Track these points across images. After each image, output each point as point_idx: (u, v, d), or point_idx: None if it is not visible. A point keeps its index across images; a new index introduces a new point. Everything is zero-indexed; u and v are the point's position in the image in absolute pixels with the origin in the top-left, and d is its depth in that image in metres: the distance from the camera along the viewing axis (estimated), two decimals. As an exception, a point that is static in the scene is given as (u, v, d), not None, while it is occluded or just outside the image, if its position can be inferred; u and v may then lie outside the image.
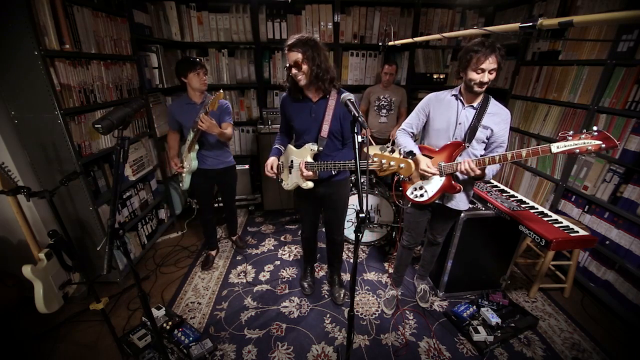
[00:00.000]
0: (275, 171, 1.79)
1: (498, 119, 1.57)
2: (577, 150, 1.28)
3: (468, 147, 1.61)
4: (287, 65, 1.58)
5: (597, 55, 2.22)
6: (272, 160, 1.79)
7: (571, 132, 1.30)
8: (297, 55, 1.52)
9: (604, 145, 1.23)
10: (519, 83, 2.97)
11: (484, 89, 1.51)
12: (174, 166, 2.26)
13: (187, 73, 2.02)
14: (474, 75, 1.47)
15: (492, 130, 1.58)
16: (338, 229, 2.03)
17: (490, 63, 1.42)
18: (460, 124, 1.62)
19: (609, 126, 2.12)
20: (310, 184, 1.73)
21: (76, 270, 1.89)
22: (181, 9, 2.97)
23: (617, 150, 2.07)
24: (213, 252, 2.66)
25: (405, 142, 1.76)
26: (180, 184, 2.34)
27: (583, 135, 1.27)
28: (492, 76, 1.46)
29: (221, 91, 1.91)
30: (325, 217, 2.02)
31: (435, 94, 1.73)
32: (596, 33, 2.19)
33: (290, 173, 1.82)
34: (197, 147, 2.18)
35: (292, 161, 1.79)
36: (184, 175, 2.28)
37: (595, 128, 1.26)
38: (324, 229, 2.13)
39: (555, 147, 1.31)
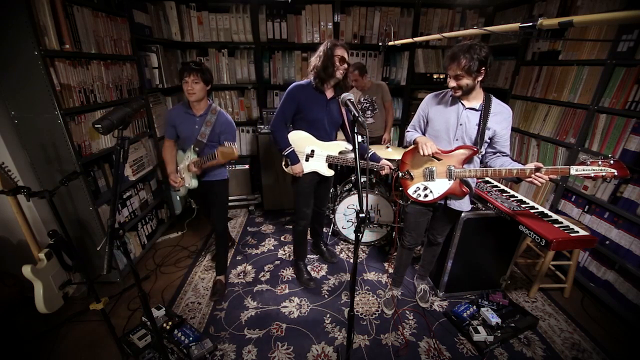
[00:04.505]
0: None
1: (500, 117, 1.57)
2: (593, 175, 1.35)
3: (482, 152, 1.61)
4: (341, 57, 1.74)
5: (597, 55, 2.22)
6: (299, 167, 1.97)
7: (590, 158, 1.38)
8: (346, 54, 1.76)
9: (617, 174, 1.31)
10: (519, 83, 2.97)
11: (458, 93, 1.54)
12: (174, 183, 1.97)
13: (181, 81, 1.81)
14: (448, 80, 1.54)
15: (494, 131, 1.58)
16: (326, 201, 2.37)
17: (451, 70, 1.47)
18: (461, 124, 1.61)
19: (609, 126, 2.12)
20: (331, 171, 2.03)
21: (76, 270, 1.89)
22: (181, 9, 2.97)
23: (617, 150, 2.07)
24: (222, 278, 2.27)
25: (412, 136, 1.78)
26: (177, 191, 2.08)
27: (600, 162, 1.34)
28: (462, 82, 1.48)
29: (235, 150, 1.71)
30: (316, 193, 2.22)
31: (432, 95, 1.73)
32: (596, 33, 2.19)
33: (306, 160, 2.00)
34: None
35: (313, 150, 1.97)
36: (180, 189, 2.05)
37: (610, 155, 1.35)
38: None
39: (574, 170, 1.38)
